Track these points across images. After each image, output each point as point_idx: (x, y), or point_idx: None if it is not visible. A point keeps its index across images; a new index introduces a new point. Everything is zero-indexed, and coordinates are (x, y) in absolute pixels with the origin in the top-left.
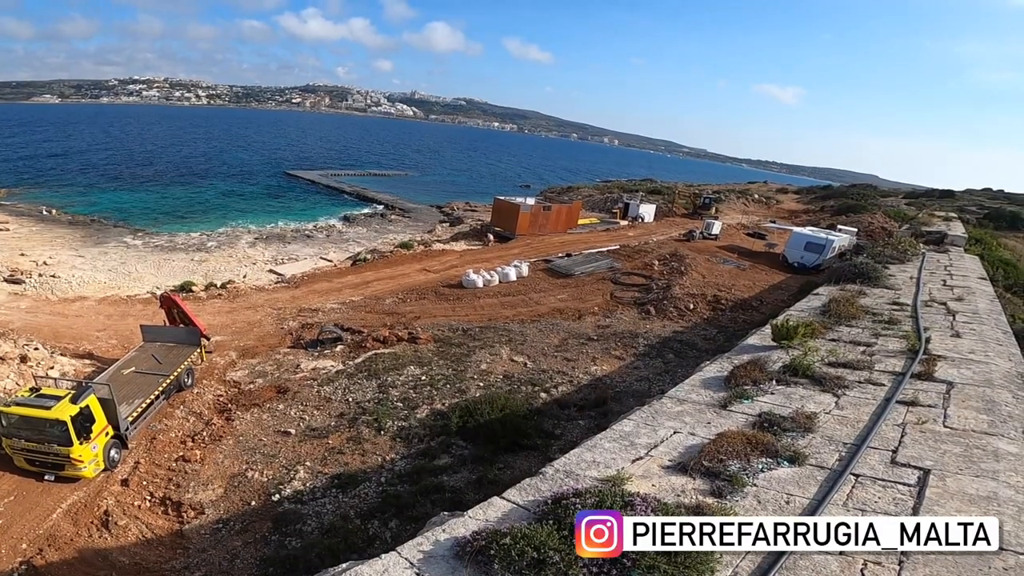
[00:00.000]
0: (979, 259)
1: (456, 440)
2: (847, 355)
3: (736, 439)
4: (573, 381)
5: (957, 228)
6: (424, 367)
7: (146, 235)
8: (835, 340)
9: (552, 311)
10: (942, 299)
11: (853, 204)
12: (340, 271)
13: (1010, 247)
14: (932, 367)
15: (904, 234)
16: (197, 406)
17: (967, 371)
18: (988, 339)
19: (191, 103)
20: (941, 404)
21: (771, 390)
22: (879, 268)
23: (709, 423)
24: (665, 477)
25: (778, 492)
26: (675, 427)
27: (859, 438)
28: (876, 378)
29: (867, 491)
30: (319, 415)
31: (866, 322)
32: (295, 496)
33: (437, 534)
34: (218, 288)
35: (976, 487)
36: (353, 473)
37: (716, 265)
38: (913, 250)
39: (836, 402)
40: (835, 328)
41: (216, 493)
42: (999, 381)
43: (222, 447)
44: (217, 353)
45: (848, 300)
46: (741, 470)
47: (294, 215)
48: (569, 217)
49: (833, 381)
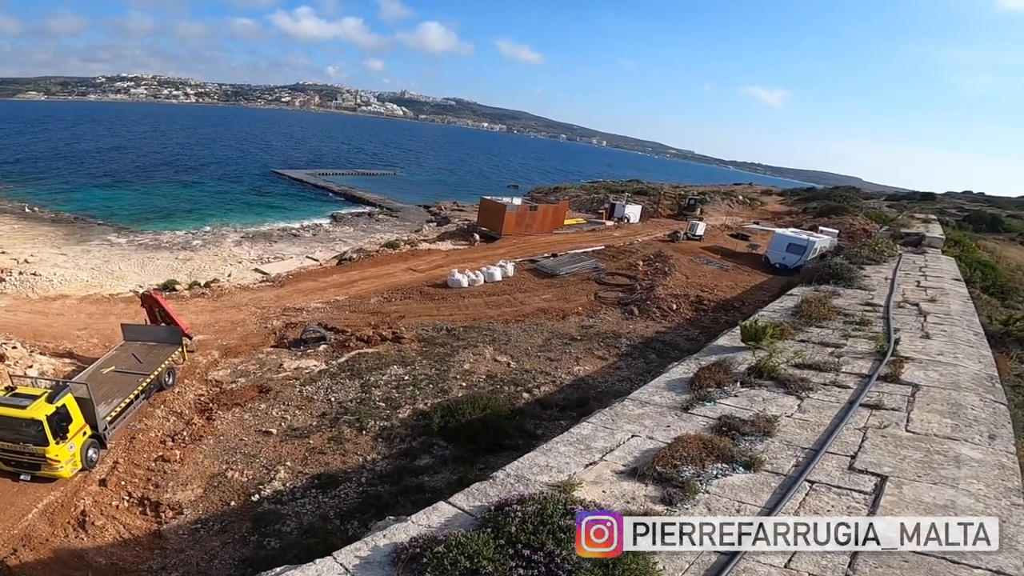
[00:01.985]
0: (955, 260)
1: (438, 440)
2: (814, 356)
3: (692, 444)
4: (556, 381)
5: (935, 230)
6: (407, 367)
7: (130, 233)
8: (804, 341)
9: (536, 311)
10: (915, 300)
11: (835, 206)
12: (325, 270)
13: (989, 248)
14: (899, 369)
15: (883, 236)
16: (178, 405)
17: (934, 373)
18: (958, 340)
19: (179, 101)
20: (905, 407)
21: (735, 392)
22: (854, 269)
23: (669, 427)
24: (617, 483)
25: (730, 500)
26: (634, 431)
27: (818, 443)
28: (842, 380)
29: (821, 499)
30: (301, 415)
31: (837, 323)
32: (275, 496)
33: (377, 539)
34: (202, 287)
35: (933, 495)
36: (334, 473)
37: (699, 266)
38: (890, 251)
39: (799, 405)
40: (805, 329)
41: (195, 493)
42: (966, 383)
43: (202, 447)
44: (200, 352)
45: (820, 301)
46: (694, 476)
47: (281, 214)
48: (555, 217)
49: (798, 383)
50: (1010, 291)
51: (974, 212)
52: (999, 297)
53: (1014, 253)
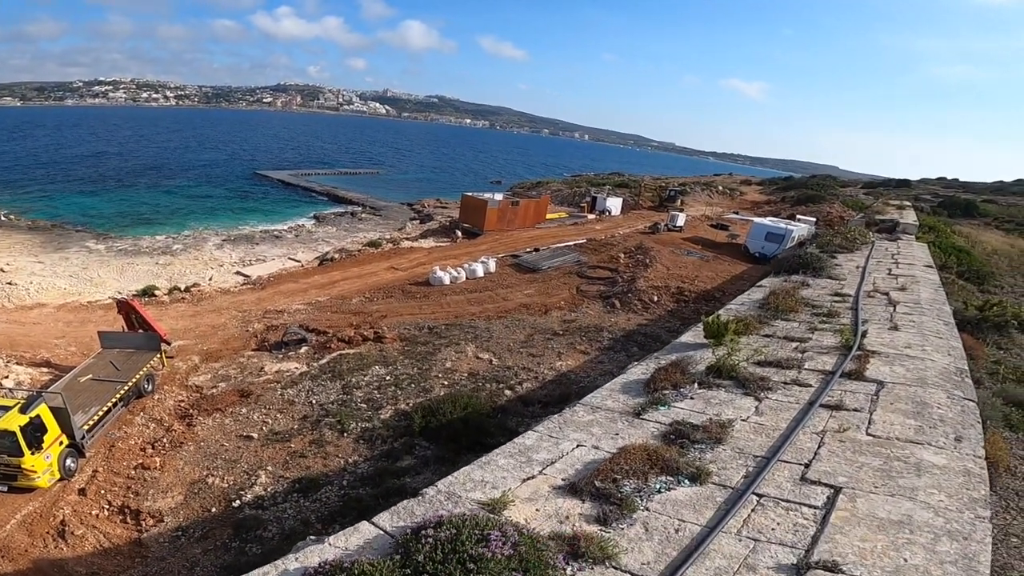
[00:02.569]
0: (927, 247)
1: (420, 441)
2: (778, 352)
3: (637, 455)
4: (538, 377)
5: (909, 216)
6: (389, 367)
7: (109, 239)
8: (769, 336)
9: (519, 307)
10: (885, 289)
11: (813, 194)
12: (307, 271)
13: (964, 234)
14: (864, 365)
15: (858, 223)
16: (158, 412)
17: (901, 368)
18: (927, 331)
19: (159, 104)
20: (868, 408)
21: (691, 394)
22: (824, 259)
23: (617, 435)
24: (552, 500)
25: (669, 518)
26: (580, 439)
27: (772, 450)
28: (804, 378)
29: (767, 515)
30: (282, 418)
31: (804, 315)
32: (256, 502)
33: (288, 562)
34: (182, 291)
35: (889, 509)
36: (315, 477)
37: (680, 257)
38: (863, 239)
39: (756, 407)
40: (771, 323)
41: (176, 500)
42: (933, 379)
43: (182, 453)
44: (179, 358)
45: (788, 293)
46: (635, 492)
47: (263, 216)
48: (537, 212)
49: (757, 383)
50: (986, 276)
51: (949, 198)
52: (975, 282)
53: (990, 237)
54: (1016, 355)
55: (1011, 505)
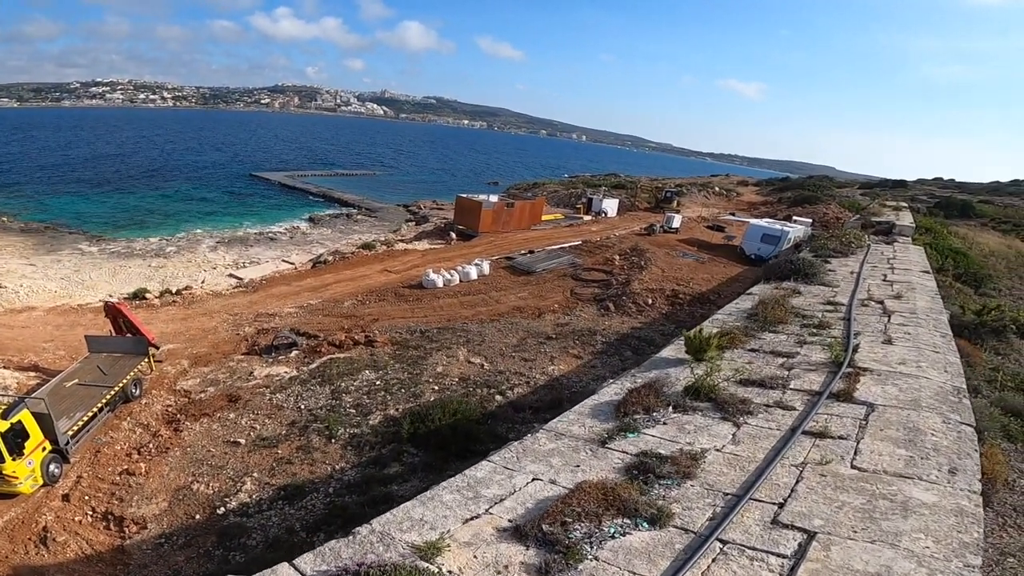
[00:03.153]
0: (924, 250)
1: (408, 447)
2: (762, 370)
3: (593, 493)
4: (530, 382)
5: (906, 218)
6: (379, 371)
7: (102, 241)
8: (755, 351)
9: (512, 310)
10: (880, 296)
11: (809, 195)
12: (299, 274)
13: (961, 235)
14: (854, 384)
15: (853, 225)
16: (145, 417)
17: (893, 388)
18: (923, 345)
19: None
20: (855, 435)
21: (664, 419)
22: (817, 264)
23: (578, 467)
24: (494, 545)
25: (619, 569)
26: (537, 472)
27: (745, 486)
28: (788, 400)
29: (729, 567)
30: (270, 424)
31: (794, 327)
32: (241, 509)
33: None
34: (173, 294)
35: (867, 559)
36: (301, 484)
37: (675, 259)
38: (858, 242)
39: (734, 435)
40: (758, 335)
41: (160, 507)
42: (928, 401)
43: (168, 459)
44: (169, 362)
45: (777, 302)
46: (585, 537)
47: (258, 217)
48: (532, 213)
49: (737, 406)
50: (983, 278)
51: (945, 198)
52: (972, 285)
53: (987, 239)
54: (1015, 361)
55: (1008, 522)
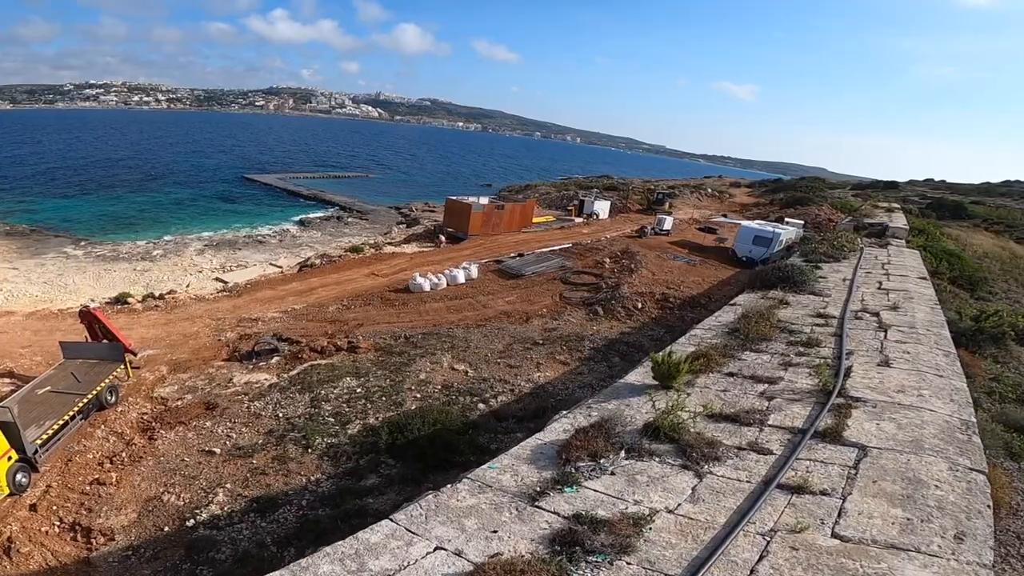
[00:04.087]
0: (920, 253)
1: (386, 458)
2: (739, 401)
3: None
4: (514, 390)
5: (899, 220)
6: (361, 379)
7: (89, 244)
8: (732, 375)
9: (499, 314)
10: (875, 307)
11: (801, 196)
12: (285, 278)
13: (954, 236)
14: (845, 420)
15: (846, 226)
16: (119, 425)
17: (890, 425)
18: (925, 367)
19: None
20: (841, 489)
21: (613, 468)
22: (807, 271)
23: (495, 533)
24: None
25: None
26: (444, 538)
27: (694, 566)
28: (764, 441)
29: None
30: (247, 432)
31: (779, 344)
32: (211, 521)
33: None
34: (155, 299)
35: None
36: (274, 496)
37: (666, 261)
38: (851, 246)
39: (694, 489)
40: (738, 356)
41: (129, 518)
42: (932, 441)
43: (141, 468)
44: (147, 368)
45: (762, 315)
46: None
47: (248, 220)
48: (523, 216)
49: (703, 450)
50: (978, 282)
51: (937, 199)
52: (968, 289)
53: (980, 240)
54: (1015, 369)
55: (1012, 552)
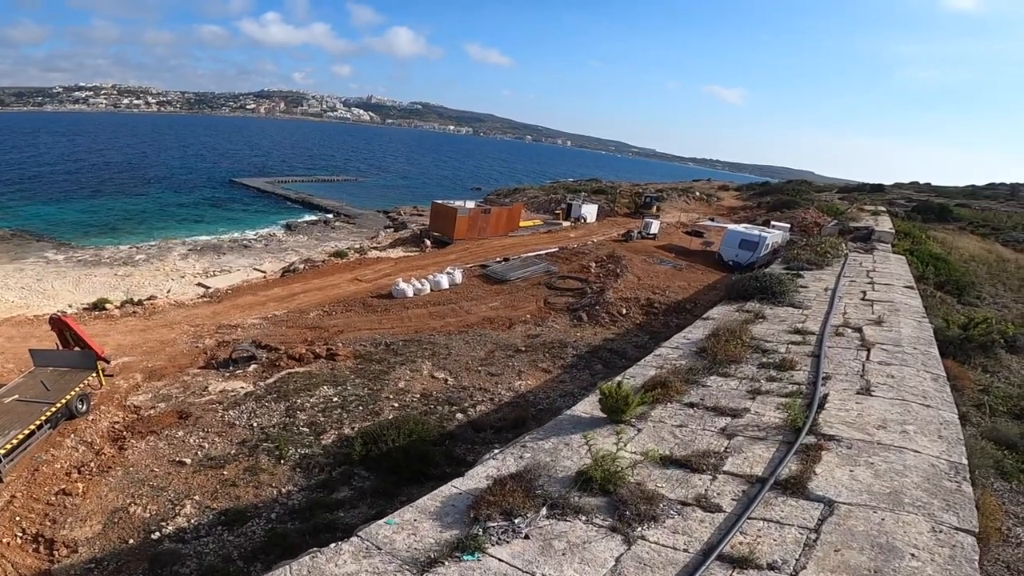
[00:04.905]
0: (906, 259)
1: (359, 470)
2: (695, 439)
3: None
4: (494, 399)
5: (885, 223)
6: (338, 387)
7: (70, 249)
8: (693, 406)
9: (482, 320)
10: (858, 322)
11: (788, 200)
12: (267, 283)
13: (940, 239)
14: (813, 464)
15: (831, 231)
16: (89, 434)
17: (866, 472)
18: (910, 395)
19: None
20: (794, 561)
21: (529, 528)
22: (786, 281)
23: None
24: None
25: None
26: None
27: None
28: (715, 494)
29: None
30: (220, 442)
31: (750, 366)
32: (177, 534)
33: None
34: (134, 305)
35: None
36: (243, 508)
37: (652, 266)
38: (834, 252)
39: (618, 560)
40: (702, 381)
41: (94, 530)
42: (914, 493)
43: (109, 479)
44: (122, 376)
45: (734, 332)
46: None
47: (233, 224)
48: (510, 220)
49: (640, 506)
50: (965, 286)
51: (922, 202)
52: (954, 294)
53: (966, 243)
54: (1005, 379)
55: None
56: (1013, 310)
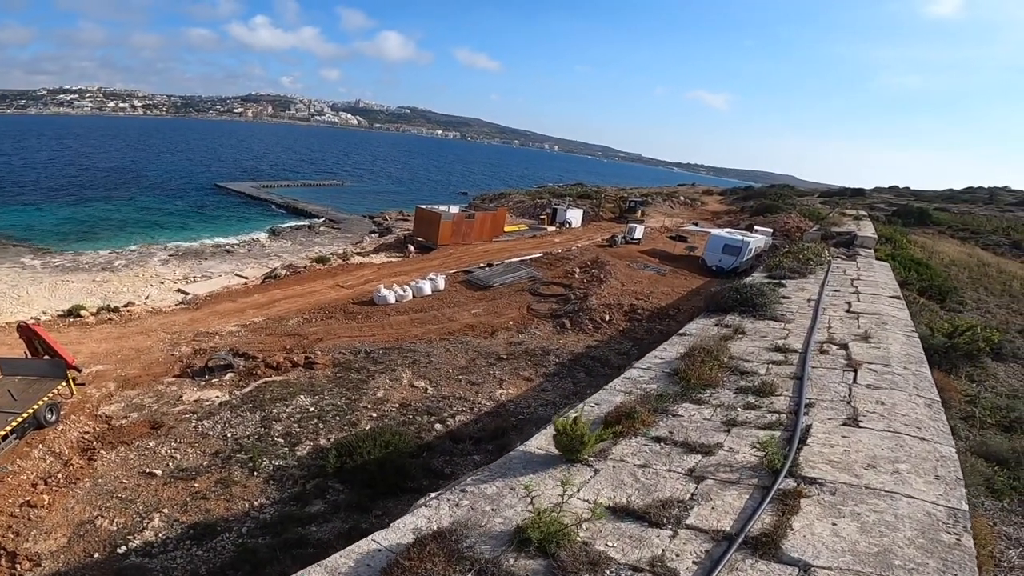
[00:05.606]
0: (890, 267)
1: (334, 483)
2: (658, 483)
3: None
4: (474, 409)
5: (867, 228)
6: (315, 396)
7: (48, 254)
8: (660, 440)
9: (464, 327)
10: (843, 338)
11: (771, 204)
12: (247, 289)
13: (920, 243)
14: (790, 516)
15: (813, 236)
16: (58, 445)
17: (851, 525)
18: (903, 424)
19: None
20: None
21: None
22: (767, 292)
23: None
24: None
25: None
26: None
27: None
28: (673, 555)
29: None
30: (192, 453)
31: (726, 391)
32: (144, 548)
33: None
34: (110, 312)
35: None
36: (213, 522)
37: (636, 271)
38: (817, 259)
39: None
40: (673, 409)
41: (59, 543)
42: (906, 552)
43: (76, 491)
44: (94, 384)
45: (710, 352)
46: None
47: (217, 229)
48: (494, 225)
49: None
50: (948, 292)
51: (902, 206)
52: (937, 299)
53: (946, 247)
54: (992, 388)
55: None
56: (997, 316)
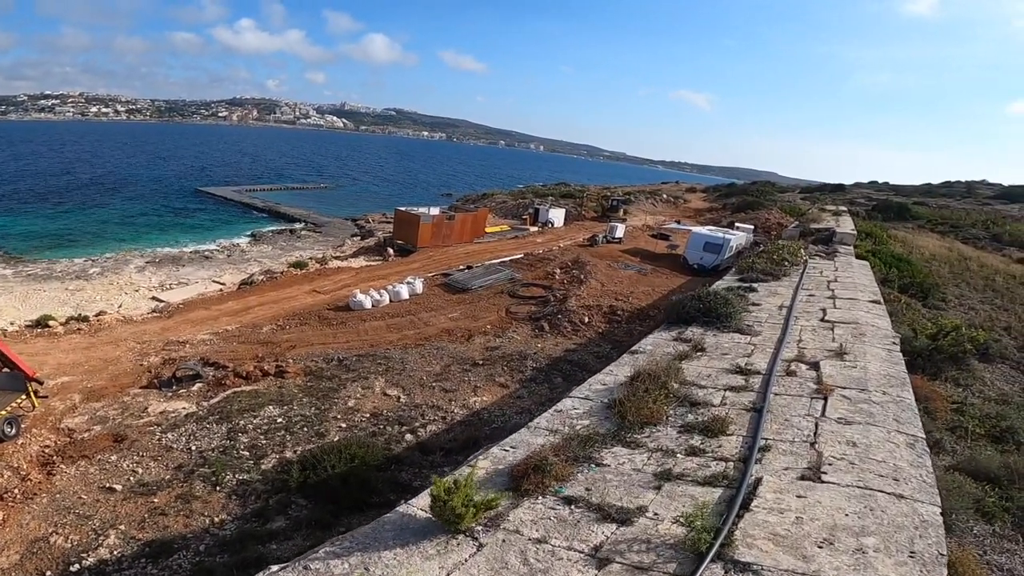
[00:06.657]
0: (870, 263)
1: (298, 498)
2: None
3: None
4: (447, 418)
5: (847, 224)
6: (284, 407)
7: (20, 263)
8: (571, 502)
9: (440, 332)
10: (814, 354)
11: (752, 201)
12: (221, 296)
13: (900, 238)
14: None
15: (792, 233)
16: (16, 459)
17: None
18: (876, 475)
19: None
20: None
21: None
22: (734, 301)
23: None
24: None
25: None
26: None
27: None
28: None
29: None
30: (155, 467)
31: (669, 429)
32: (98, 566)
33: None
34: (79, 321)
35: None
36: (171, 539)
37: (617, 271)
38: (793, 259)
39: None
40: (599, 457)
41: (11, 560)
42: None
43: (32, 507)
44: (59, 396)
45: (657, 379)
46: None
47: (196, 235)
48: (475, 226)
49: None
50: (930, 289)
51: (882, 201)
52: (919, 296)
53: (926, 242)
54: (979, 393)
55: None
56: (980, 312)
